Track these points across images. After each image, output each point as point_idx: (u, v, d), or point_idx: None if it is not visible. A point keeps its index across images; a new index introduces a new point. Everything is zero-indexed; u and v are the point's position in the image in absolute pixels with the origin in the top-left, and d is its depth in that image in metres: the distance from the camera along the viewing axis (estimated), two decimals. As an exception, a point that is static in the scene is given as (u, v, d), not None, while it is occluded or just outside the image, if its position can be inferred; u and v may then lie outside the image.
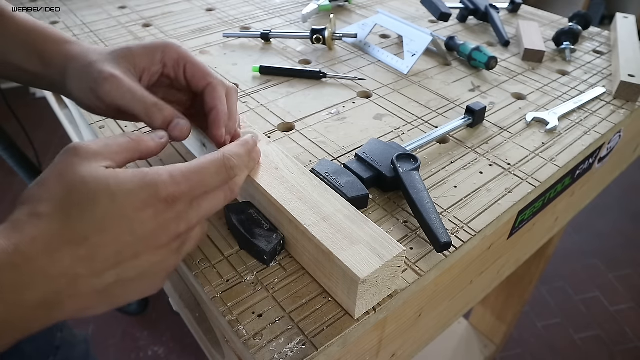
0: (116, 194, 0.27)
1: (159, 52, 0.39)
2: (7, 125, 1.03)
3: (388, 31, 0.76)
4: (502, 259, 0.55)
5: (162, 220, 0.28)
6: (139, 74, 0.39)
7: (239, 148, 0.35)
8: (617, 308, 1.50)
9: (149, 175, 0.28)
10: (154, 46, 0.39)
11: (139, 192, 0.27)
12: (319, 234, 0.34)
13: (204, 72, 0.39)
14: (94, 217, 0.26)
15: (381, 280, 0.33)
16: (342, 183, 0.42)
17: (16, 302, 0.24)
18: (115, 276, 0.27)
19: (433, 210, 0.39)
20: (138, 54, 0.39)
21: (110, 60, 0.37)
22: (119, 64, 0.37)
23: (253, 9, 0.83)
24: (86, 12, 0.79)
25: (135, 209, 0.27)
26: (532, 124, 0.56)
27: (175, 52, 0.39)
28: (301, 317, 0.34)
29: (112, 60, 0.37)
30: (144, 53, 0.39)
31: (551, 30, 0.79)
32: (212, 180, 0.31)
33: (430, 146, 0.51)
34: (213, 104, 0.38)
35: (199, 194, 0.31)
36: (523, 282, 1.07)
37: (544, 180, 0.47)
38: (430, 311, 0.45)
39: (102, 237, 0.26)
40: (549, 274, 1.59)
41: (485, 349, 1.26)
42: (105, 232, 0.26)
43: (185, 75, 0.40)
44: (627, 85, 0.60)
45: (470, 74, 0.66)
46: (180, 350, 1.33)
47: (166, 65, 0.39)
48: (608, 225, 1.80)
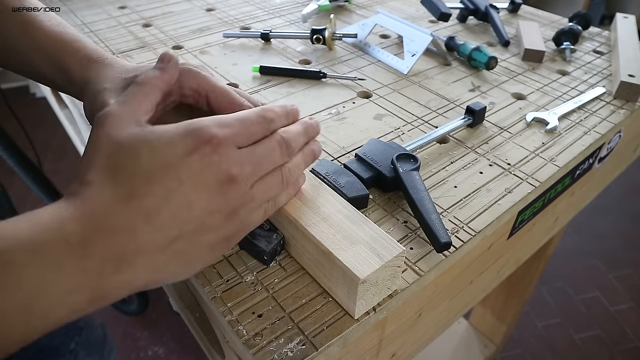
0: (156, 146, 0.27)
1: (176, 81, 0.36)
2: (7, 125, 1.03)
3: (388, 31, 0.76)
4: (502, 259, 0.55)
5: (209, 162, 0.28)
6: None
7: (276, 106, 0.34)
8: (617, 308, 1.50)
9: (191, 123, 0.28)
10: None
11: (181, 140, 0.27)
12: (318, 234, 0.34)
13: (230, 100, 0.37)
14: (138, 171, 0.26)
15: (381, 280, 0.33)
16: (342, 183, 0.42)
17: (84, 254, 0.25)
18: (177, 230, 0.27)
19: (433, 210, 0.39)
20: None
21: (120, 90, 0.36)
22: None
23: (253, 9, 0.83)
24: (86, 12, 0.79)
25: (178, 156, 0.27)
26: (532, 124, 0.56)
27: (194, 81, 0.36)
28: (301, 317, 0.34)
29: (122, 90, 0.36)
30: None
31: (551, 30, 0.79)
32: (254, 128, 0.31)
33: (430, 146, 0.51)
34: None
35: (243, 141, 0.30)
36: (523, 282, 1.07)
37: (544, 180, 0.47)
38: (430, 311, 0.45)
39: (150, 188, 0.26)
40: (549, 274, 1.59)
41: (485, 349, 1.26)
42: (151, 182, 0.26)
43: (210, 105, 0.37)
44: (627, 85, 0.60)
45: (470, 74, 0.66)
46: (180, 350, 1.33)
47: (184, 95, 0.37)
48: (608, 226, 1.80)
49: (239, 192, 0.29)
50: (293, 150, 0.33)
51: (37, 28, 0.41)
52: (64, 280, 0.24)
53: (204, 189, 0.28)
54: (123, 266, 0.26)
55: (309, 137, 0.36)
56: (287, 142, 0.32)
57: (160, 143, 0.27)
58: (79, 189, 0.27)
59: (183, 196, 0.27)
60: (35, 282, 0.23)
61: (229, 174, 0.28)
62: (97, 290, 0.25)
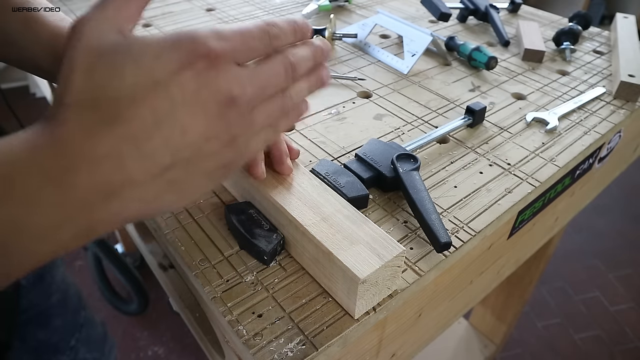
0: (142, 59, 0.23)
1: None
2: (7, 125, 1.03)
3: (388, 31, 0.76)
4: (502, 259, 0.55)
5: (206, 80, 0.24)
6: None
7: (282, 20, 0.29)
8: (617, 308, 1.50)
9: (183, 33, 0.24)
10: None
11: (171, 52, 0.23)
12: (318, 234, 0.34)
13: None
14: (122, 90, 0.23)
15: (381, 280, 0.33)
16: (342, 183, 0.42)
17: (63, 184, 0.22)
18: (170, 157, 0.24)
19: (433, 210, 0.39)
20: None
21: None
22: None
23: (253, 9, 0.83)
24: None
25: (169, 71, 0.23)
26: (532, 124, 0.56)
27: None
28: (301, 317, 0.34)
29: None
30: None
31: (551, 30, 0.79)
32: (256, 43, 0.26)
33: (430, 146, 0.51)
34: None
35: (242, 57, 0.26)
36: (523, 282, 1.07)
37: (544, 180, 0.47)
38: (430, 311, 0.45)
39: (137, 110, 0.23)
40: (549, 274, 1.59)
41: (485, 349, 1.26)
42: (138, 103, 0.23)
43: None
44: (627, 85, 0.60)
45: (470, 74, 0.66)
46: (180, 350, 1.33)
47: None
48: (608, 226, 1.80)
49: (239, 115, 0.26)
50: (299, 75, 0.30)
51: (39, 23, 0.41)
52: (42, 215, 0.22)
53: (201, 112, 0.24)
54: (110, 197, 0.23)
55: (317, 61, 0.31)
56: (293, 65, 0.29)
57: (146, 56, 0.23)
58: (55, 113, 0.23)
59: (176, 119, 0.23)
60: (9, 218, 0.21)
61: (229, 95, 0.25)
62: (82, 223, 0.23)
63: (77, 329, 0.62)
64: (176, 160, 0.24)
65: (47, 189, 0.22)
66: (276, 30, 0.28)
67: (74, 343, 0.61)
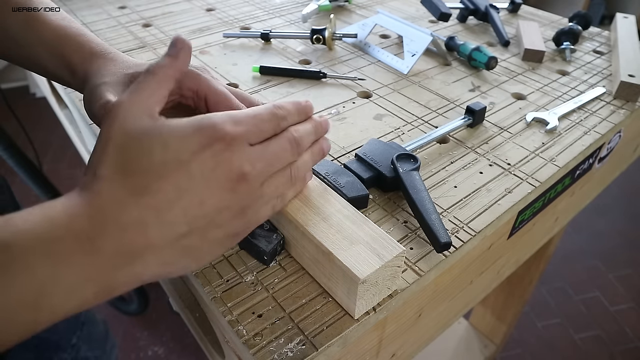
0: (169, 141, 0.27)
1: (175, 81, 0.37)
2: (7, 125, 1.03)
3: (388, 31, 0.76)
4: (502, 259, 0.55)
5: (222, 159, 0.27)
6: None
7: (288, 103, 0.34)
8: (617, 308, 1.50)
9: (204, 119, 0.28)
10: None
11: (194, 136, 0.27)
12: (318, 234, 0.34)
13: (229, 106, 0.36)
14: (150, 166, 0.26)
15: (381, 280, 0.33)
16: (342, 183, 0.42)
17: (93, 249, 0.25)
18: (186, 225, 0.27)
19: (433, 210, 0.39)
20: None
21: (119, 84, 0.36)
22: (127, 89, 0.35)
23: (253, 9, 0.83)
24: (86, 12, 0.79)
25: (192, 152, 0.27)
26: (532, 124, 0.56)
27: (194, 82, 0.36)
28: (301, 317, 0.34)
29: (121, 84, 0.36)
30: None
31: (551, 30, 0.79)
32: (266, 126, 0.31)
33: (430, 146, 0.51)
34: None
35: (254, 138, 0.30)
36: (523, 282, 1.07)
37: (544, 180, 0.47)
38: (430, 311, 0.45)
39: (162, 184, 0.26)
40: (549, 274, 1.59)
41: (485, 349, 1.26)
42: (163, 178, 0.26)
43: (208, 108, 0.37)
44: (627, 85, 0.60)
45: (470, 74, 0.66)
46: (180, 350, 1.33)
47: (184, 95, 0.37)
48: (608, 225, 1.80)
49: (249, 189, 0.29)
50: (303, 149, 0.33)
51: (41, 22, 0.41)
52: (73, 275, 0.24)
53: (216, 187, 0.27)
54: (133, 261, 0.26)
55: (318, 135, 0.36)
56: (297, 141, 0.32)
57: (173, 138, 0.27)
58: (90, 183, 0.26)
59: (195, 193, 0.27)
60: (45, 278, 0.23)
61: (240, 172, 0.28)
62: (105, 283, 0.25)
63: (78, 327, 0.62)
64: (192, 229, 0.27)
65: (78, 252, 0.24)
66: (283, 112, 0.32)
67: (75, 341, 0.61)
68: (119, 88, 0.36)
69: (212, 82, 0.37)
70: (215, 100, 0.36)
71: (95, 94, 0.35)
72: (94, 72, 0.38)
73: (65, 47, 0.40)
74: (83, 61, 0.39)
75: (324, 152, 0.36)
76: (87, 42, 0.40)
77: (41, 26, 0.40)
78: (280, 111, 0.32)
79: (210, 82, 0.37)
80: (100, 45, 0.40)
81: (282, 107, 0.32)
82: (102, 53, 0.40)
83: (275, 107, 0.32)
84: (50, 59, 0.40)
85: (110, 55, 0.39)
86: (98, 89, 0.36)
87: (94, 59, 0.39)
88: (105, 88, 0.36)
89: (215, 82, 0.37)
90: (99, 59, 0.39)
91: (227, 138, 0.28)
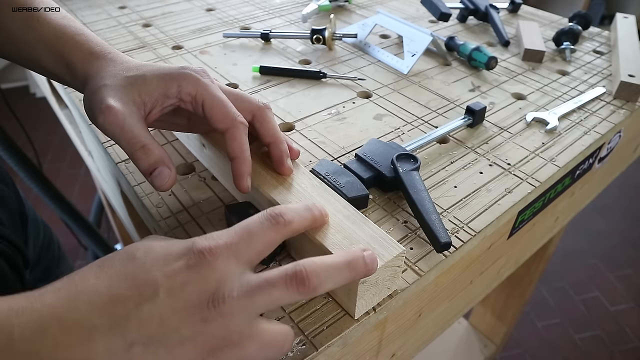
0: (154, 248, 0.27)
1: (175, 85, 0.36)
2: (7, 125, 1.03)
3: (388, 31, 0.76)
4: (502, 259, 0.55)
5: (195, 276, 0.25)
6: (149, 104, 0.36)
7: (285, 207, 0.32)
8: (617, 308, 1.50)
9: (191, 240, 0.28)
10: (170, 76, 0.36)
11: (176, 247, 0.27)
12: (318, 234, 0.34)
13: (224, 113, 0.36)
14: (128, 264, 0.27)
15: (381, 280, 0.33)
16: (342, 183, 0.42)
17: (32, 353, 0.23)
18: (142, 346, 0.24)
19: (433, 210, 0.39)
20: (151, 83, 0.36)
21: (119, 88, 0.36)
22: (127, 92, 0.36)
23: (253, 9, 0.83)
24: (86, 12, 0.79)
25: (167, 258, 0.26)
26: (532, 124, 0.56)
27: (193, 87, 0.36)
28: (301, 317, 0.34)
29: (122, 88, 0.36)
30: (158, 83, 0.36)
31: (551, 30, 0.79)
32: (258, 227, 0.29)
33: (430, 146, 0.51)
34: (233, 154, 0.36)
35: (243, 247, 0.28)
36: (523, 282, 1.07)
37: (544, 180, 0.47)
38: (430, 311, 0.45)
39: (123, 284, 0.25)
40: (549, 274, 1.59)
41: (485, 349, 1.26)
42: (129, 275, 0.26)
43: (204, 113, 0.37)
44: (627, 85, 0.60)
45: (470, 74, 0.66)
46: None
47: (182, 100, 0.37)
48: (608, 225, 1.80)
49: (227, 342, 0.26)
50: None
51: (40, 21, 0.40)
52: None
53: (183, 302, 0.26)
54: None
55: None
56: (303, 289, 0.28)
57: (159, 247, 0.27)
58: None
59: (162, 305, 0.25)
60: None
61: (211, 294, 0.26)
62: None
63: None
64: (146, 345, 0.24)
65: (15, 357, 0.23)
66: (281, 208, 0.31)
67: None
68: (119, 91, 0.36)
69: (209, 87, 0.36)
70: (212, 106, 0.36)
71: (95, 97, 0.35)
72: (94, 74, 0.38)
73: (64, 46, 0.40)
74: (82, 61, 0.39)
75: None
76: (86, 41, 0.40)
77: (41, 25, 0.40)
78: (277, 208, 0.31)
79: (208, 87, 0.36)
80: (100, 45, 0.40)
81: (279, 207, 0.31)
82: (102, 53, 0.39)
83: (270, 209, 0.30)
84: (49, 58, 0.40)
85: (110, 56, 0.39)
86: (98, 92, 0.35)
87: (94, 59, 0.39)
88: (106, 92, 0.35)
89: (213, 86, 0.37)
90: (99, 59, 0.39)
91: (205, 251, 0.27)
